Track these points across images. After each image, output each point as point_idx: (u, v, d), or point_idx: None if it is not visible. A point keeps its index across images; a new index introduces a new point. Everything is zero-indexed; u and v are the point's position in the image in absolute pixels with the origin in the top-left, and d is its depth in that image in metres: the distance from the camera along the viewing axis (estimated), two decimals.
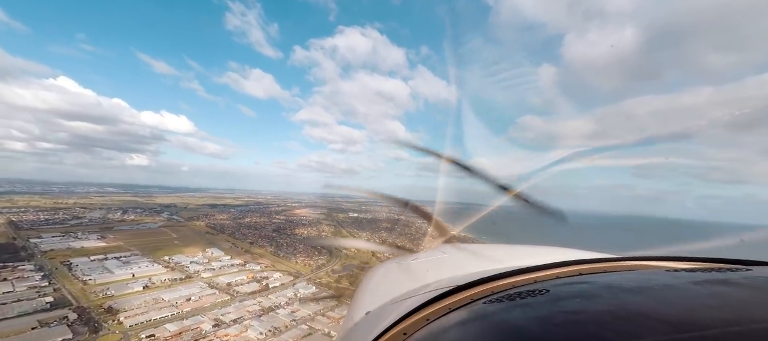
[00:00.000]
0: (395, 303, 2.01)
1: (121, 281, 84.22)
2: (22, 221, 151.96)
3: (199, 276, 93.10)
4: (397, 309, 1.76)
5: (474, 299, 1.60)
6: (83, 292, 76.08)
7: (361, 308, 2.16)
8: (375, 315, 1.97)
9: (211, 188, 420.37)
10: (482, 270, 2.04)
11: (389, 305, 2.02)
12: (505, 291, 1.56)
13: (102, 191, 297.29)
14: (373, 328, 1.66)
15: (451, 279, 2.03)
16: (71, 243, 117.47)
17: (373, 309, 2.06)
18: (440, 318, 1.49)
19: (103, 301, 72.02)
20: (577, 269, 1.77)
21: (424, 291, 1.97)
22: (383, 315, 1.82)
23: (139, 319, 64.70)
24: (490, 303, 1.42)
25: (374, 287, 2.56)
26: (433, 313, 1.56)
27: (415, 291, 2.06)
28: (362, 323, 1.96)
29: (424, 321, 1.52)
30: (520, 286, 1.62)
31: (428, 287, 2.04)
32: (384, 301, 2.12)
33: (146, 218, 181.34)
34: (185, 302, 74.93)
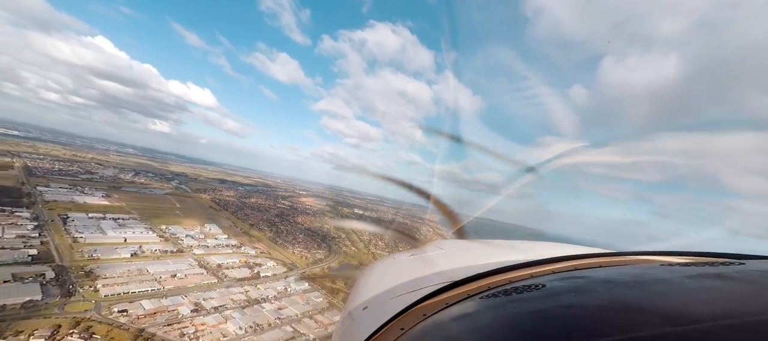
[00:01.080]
0: (393, 298, 2.02)
1: (111, 244, 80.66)
2: (37, 167, 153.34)
3: (191, 252, 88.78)
4: (394, 304, 1.80)
5: (471, 294, 1.63)
6: (70, 250, 72.67)
7: (359, 303, 2.19)
8: (372, 311, 2.01)
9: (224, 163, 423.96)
10: (479, 265, 2.07)
11: (387, 300, 2.05)
12: (502, 286, 1.59)
13: (122, 151, 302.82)
14: (370, 323, 1.70)
15: (448, 275, 2.04)
16: (75, 197, 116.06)
17: (371, 305, 2.10)
18: (437, 313, 1.51)
19: (86, 263, 68.19)
20: (573, 264, 1.81)
21: (421, 286, 1.99)
22: (381, 310, 1.85)
23: (117, 290, 60.23)
24: (486, 298, 1.45)
25: (372, 282, 2.56)
26: (430, 308, 1.59)
27: (412, 286, 2.08)
28: (360, 318, 2.00)
29: (421, 316, 1.55)
30: (516, 281, 1.66)
31: (425, 282, 2.06)
32: (382, 296, 2.15)
33: (155, 184, 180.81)
34: (170, 278, 70.31)
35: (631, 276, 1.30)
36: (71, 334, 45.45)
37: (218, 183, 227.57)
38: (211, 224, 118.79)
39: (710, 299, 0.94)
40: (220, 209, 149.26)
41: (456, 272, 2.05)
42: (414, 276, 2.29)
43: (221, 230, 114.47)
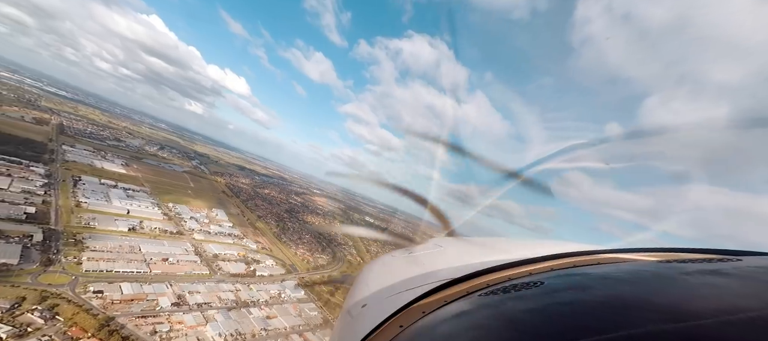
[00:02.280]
0: (392, 295, 2.03)
1: (112, 214, 77.31)
2: (70, 127, 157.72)
3: (191, 236, 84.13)
4: (393, 301, 1.81)
5: (470, 291, 1.64)
6: (70, 214, 69.57)
7: (359, 301, 2.19)
8: (372, 308, 2.01)
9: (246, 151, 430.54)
10: (478, 262, 2.08)
11: (386, 298, 2.06)
12: (501, 283, 1.60)
13: (154, 125, 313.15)
14: (370, 321, 1.71)
15: (447, 272, 2.05)
16: (95, 161, 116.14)
17: (370, 302, 2.11)
18: (436, 310, 1.52)
19: (79, 231, 64.45)
20: (571, 261, 1.81)
21: (421, 283, 1.99)
22: (380, 308, 1.86)
23: (101, 266, 55.43)
24: (485, 295, 1.45)
25: (371, 280, 2.57)
26: (429, 306, 1.60)
27: (411, 284, 2.08)
28: (359, 315, 2.01)
29: (420, 314, 1.56)
30: (514, 279, 1.66)
31: (424, 280, 2.06)
32: (381, 294, 2.16)
33: (176, 160, 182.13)
34: (160, 261, 65.23)
35: (629, 273, 1.30)
36: (32, 311, 40.30)
37: (236, 169, 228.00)
38: (219, 210, 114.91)
39: (708, 295, 0.95)
40: (232, 196, 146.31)
41: (455, 269, 2.04)
42: (413, 274, 2.30)
43: (227, 218, 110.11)
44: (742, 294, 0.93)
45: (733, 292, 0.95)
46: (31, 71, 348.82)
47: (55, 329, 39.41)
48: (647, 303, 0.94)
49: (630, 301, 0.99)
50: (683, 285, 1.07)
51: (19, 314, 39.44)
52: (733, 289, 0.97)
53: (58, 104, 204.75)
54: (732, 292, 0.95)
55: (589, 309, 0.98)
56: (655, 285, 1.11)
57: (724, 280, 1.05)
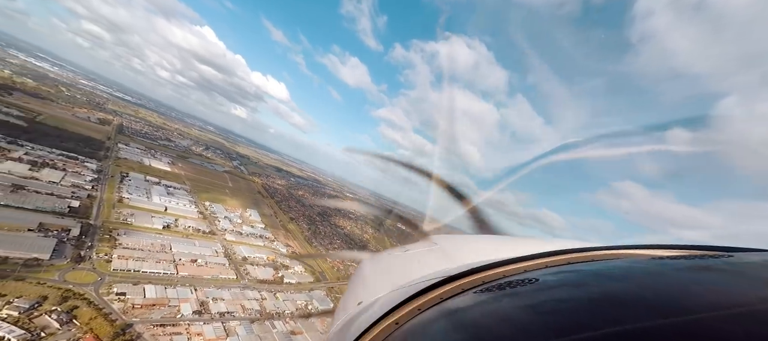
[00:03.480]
0: (387, 293, 2.04)
1: (150, 210, 77.66)
2: (128, 127, 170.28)
3: (222, 237, 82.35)
4: (389, 299, 1.83)
5: (465, 289, 1.65)
6: (110, 208, 70.51)
7: (354, 298, 2.22)
8: (367, 306, 2.02)
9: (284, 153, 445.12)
10: (473, 260, 2.08)
11: (381, 295, 2.06)
12: (495, 280, 1.62)
13: (203, 128, 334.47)
14: (365, 318, 1.73)
15: (442, 270, 2.05)
16: (145, 159, 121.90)
17: (366, 299, 2.12)
18: (431, 307, 1.54)
19: (116, 226, 64.37)
20: (566, 258, 1.82)
21: (416, 281, 2.00)
22: (376, 306, 1.89)
23: (129, 265, 53.64)
24: (480, 292, 1.47)
25: (367, 278, 2.58)
26: (424, 303, 1.62)
27: (406, 281, 2.09)
28: (355, 313, 2.02)
29: (415, 311, 1.58)
30: (510, 275, 1.67)
31: (419, 277, 2.06)
32: (376, 291, 2.16)
33: (219, 160, 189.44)
34: (189, 262, 62.91)
35: (622, 270, 1.33)
36: (51, 312, 38.02)
37: (274, 170, 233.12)
38: (253, 210, 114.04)
39: (700, 291, 0.96)
40: (267, 196, 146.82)
41: (450, 266, 2.02)
42: (408, 271, 2.29)
43: (260, 219, 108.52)
44: (733, 289, 0.95)
45: (724, 287, 0.97)
46: (105, 79, 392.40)
47: (69, 335, 36.59)
48: (640, 298, 0.96)
49: (623, 297, 1.00)
50: (675, 280, 1.09)
51: (37, 315, 37.30)
52: (725, 285, 0.99)
53: (122, 106, 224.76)
54: (723, 287, 0.97)
55: (583, 306, 0.99)
56: (648, 281, 1.12)
57: (716, 276, 1.07)
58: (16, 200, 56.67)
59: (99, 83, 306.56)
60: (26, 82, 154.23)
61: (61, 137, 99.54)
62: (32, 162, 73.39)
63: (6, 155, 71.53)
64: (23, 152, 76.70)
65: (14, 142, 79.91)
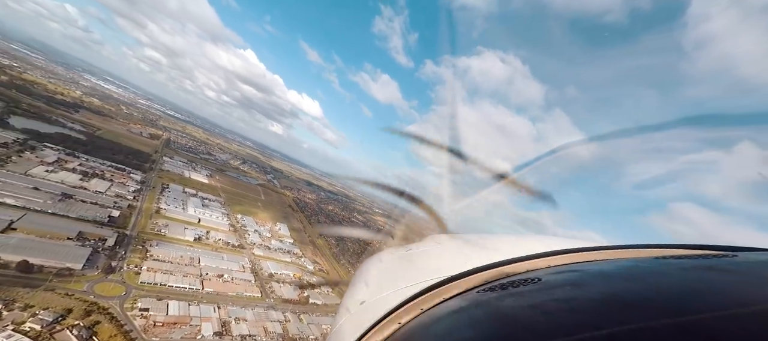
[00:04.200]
0: (390, 293, 2.04)
1: (184, 222, 78.53)
2: (175, 142, 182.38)
3: (251, 251, 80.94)
4: (391, 299, 1.82)
5: (468, 288, 1.66)
6: (147, 218, 72.06)
7: (357, 298, 2.20)
8: (370, 305, 2.02)
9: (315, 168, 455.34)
10: (475, 260, 2.08)
11: (384, 295, 2.06)
12: (498, 280, 1.62)
13: (242, 143, 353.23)
14: (368, 318, 1.73)
15: (445, 269, 2.04)
16: (186, 171, 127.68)
17: (369, 299, 2.11)
18: (434, 307, 1.55)
19: (150, 237, 64.94)
20: (569, 258, 1.81)
21: (419, 281, 2.00)
22: (378, 305, 1.88)
23: (156, 279, 52.67)
24: (483, 292, 1.46)
25: (370, 277, 2.57)
26: (427, 303, 1.63)
27: (409, 281, 2.08)
28: (358, 313, 2.03)
29: (418, 311, 1.59)
30: (512, 275, 1.67)
31: (422, 277, 2.06)
32: (379, 291, 2.15)
33: (254, 173, 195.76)
34: (215, 278, 61.23)
35: (626, 269, 1.31)
36: (72, 327, 36.72)
37: (305, 184, 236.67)
38: (282, 224, 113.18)
39: (704, 291, 0.94)
40: (297, 210, 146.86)
41: (453, 266, 2.02)
42: (411, 271, 2.29)
43: (289, 233, 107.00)
44: (738, 289, 0.93)
45: (729, 288, 0.95)
46: (160, 99, 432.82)
47: None
48: (644, 298, 0.95)
49: (627, 297, 0.99)
50: (680, 280, 1.07)
51: (58, 329, 36.13)
52: (729, 285, 0.97)
53: (172, 123, 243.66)
54: (728, 288, 0.95)
55: (587, 306, 0.98)
56: (652, 281, 1.11)
57: (721, 276, 1.05)
58: (63, 208, 59.03)
59: (155, 103, 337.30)
60: (93, 101, 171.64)
61: (114, 150, 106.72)
62: (84, 172, 77.92)
63: (62, 165, 76.62)
64: (78, 163, 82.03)
65: (72, 154, 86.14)
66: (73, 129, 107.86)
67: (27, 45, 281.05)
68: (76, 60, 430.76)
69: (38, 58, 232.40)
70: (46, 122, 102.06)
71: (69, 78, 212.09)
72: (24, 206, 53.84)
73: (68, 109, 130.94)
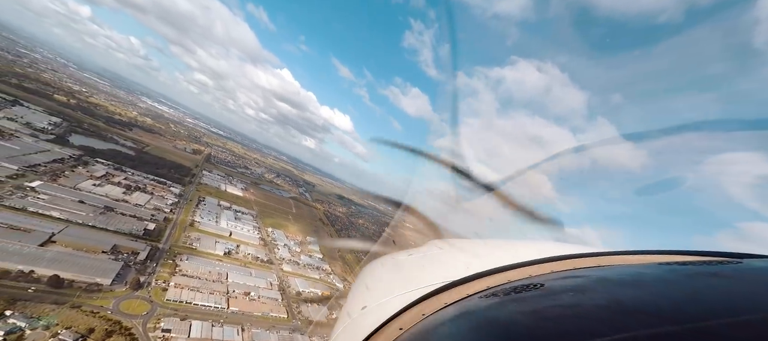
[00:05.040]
0: (391, 298, 2.04)
1: (216, 235, 78.28)
2: (215, 157, 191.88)
3: (280, 266, 78.37)
4: (392, 304, 1.83)
5: (469, 294, 1.65)
6: (181, 231, 72.53)
7: (358, 303, 2.20)
8: (371, 311, 2.02)
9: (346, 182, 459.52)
10: (477, 264, 2.07)
11: (385, 300, 2.05)
12: (500, 285, 1.62)
13: (278, 157, 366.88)
14: (369, 323, 1.73)
15: (446, 275, 2.03)
16: (222, 184, 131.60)
17: (370, 305, 2.11)
18: (436, 312, 1.55)
19: (181, 251, 64.52)
20: (571, 264, 1.79)
21: (420, 286, 1.99)
22: (379, 310, 1.88)
23: (182, 296, 50.89)
24: (485, 297, 1.46)
25: (371, 282, 2.56)
26: (428, 308, 1.63)
27: (410, 286, 2.08)
28: (359, 318, 2.03)
29: (419, 316, 1.58)
30: (515, 281, 1.67)
31: (424, 282, 2.06)
32: (380, 296, 2.15)
33: (286, 186, 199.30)
34: (241, 296, 58.59)
35: (629, 276, 1.29)
36: None
37: (336, 198, 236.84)
38: (313, 238, 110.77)
39: (709, 298, 0.93)
40: (327, 224, 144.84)
41: (455, 271, 2.01)
42: (412, 276, 2.27)
43: (318, 249, 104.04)
44: (743, 296, 0.92)
45: (734, 295, 0.94)
46: (206, 118, 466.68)
47: None
48: (648, 305, 0.93)
49: (631, 304, 0.97)
50: (684, 287, 1.05)
51: None
52: (735, 292, 0.96)
53: (214, 140, 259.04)
54: (733, 295, 0.94)
55: (590, 312, 0.97)
56: (657, 288, 1.09)
57: (726, 282, 1.04)
58: (103, 221, 60.49)
59: (201, 121, 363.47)
60: (146, 120, 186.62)
61: (158, 164, 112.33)
62: (127, 186, 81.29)
63: (109, 179, 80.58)
64: (123, 177, 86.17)
65: (119, 168, 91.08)
66: (125, 145, 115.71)
67: (98, 73, 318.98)
68: (137, 85, 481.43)
69: (105, 84, 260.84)
70: (102, 139, 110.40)
71: (128, 101, 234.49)
72: (67, 218, 55.57)
73: (123, 127, 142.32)
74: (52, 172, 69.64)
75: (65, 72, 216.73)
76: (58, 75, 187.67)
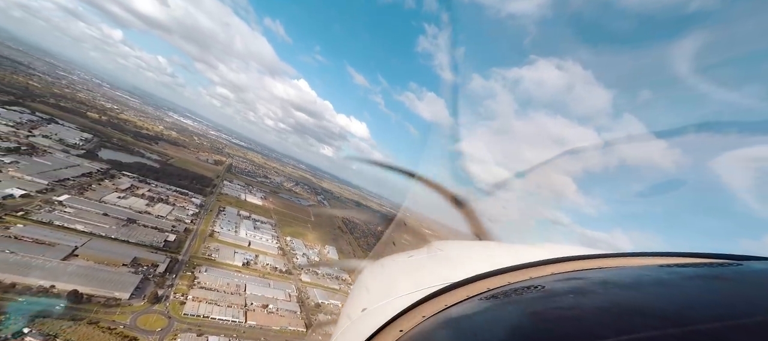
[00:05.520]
0: (391, 300, 2.04)
1: (235, 245, 77.71)
2: (236, 167, 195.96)
3: (298, 277, 76.61)
4: (393, 305, 1.82)
5: (470, 296, 1.65)
6: (201, 242, 72.42)
7: (358, 305, 2.19)
8: (371, 312, 2.02)
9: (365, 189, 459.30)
10: (477, 266, 2.07)
11: (385, 302, 2.05)
12: (501, 287, 1.62)
13: (296, 166, 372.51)
14: (369, 324, 1.73)
15: (446, 276, 2.05)
16: (242, 194, 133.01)
17: (370, 306, 2.11)
18: (436, 314, 1.55)
19: (200, 262, 63.94)
20: (572, 265, 1.80)
21: (420, 288, 2.00)
22: (379, 312, 1.88)
23: (200, 310, 49.63)
24: (485, 299, 1.47)
25: (371, 284, 2.56)
26: (429, 310, 1.63)
27: (410, 288, 2.09)
28: (359, 320, 2.02)
29: (420, 318, 1.58)
30: (515, 283, 1.67)
31: (424, 284, 2.06)
32: (380, 298, 2.15)
33: (305, 194, 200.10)
34: (259, 308, 56.82)
35: (630, 278, 1.30)
36: None
37: (354, 205, 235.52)
38: (331, 247, 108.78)
39: (709, 300, 0.94)
40: (346, 232, 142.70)
41: (455, 273, 2.01)
42: (412, 278, 2.26)
43: (338, 256, 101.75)
44: (743, 298, 0.92)
45: (734, 297, 0.94)
46: (228, 130, 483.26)
47: None
48: (649, 307, 0.93)
49: (631, 306, 0.98)
50: (684, 289, 1.05)
51: None
52: (735, 294, 0.96)
53: (235, 150, 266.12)
54: (733, 297, 0.94)
55: (590, 314, 0.96)
56: (657, 290, 1.09)
57: (725, 285, 1.04)
58: (125, 233, 60.98)
59: (223, 133, 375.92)
60: (171, 134, 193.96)
61: (181, 176, 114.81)
62: (151, 198, 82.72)
63: (133, 191, 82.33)
64: (147, 189, 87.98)
65: (144, 180, 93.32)
66: (150, 158, 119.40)
67: (129, 92, 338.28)
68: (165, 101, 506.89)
69: (135, 102, 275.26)
70: (129, 153, 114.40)
71: (156, 116, 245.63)
72: (91, 231, 56.22)
73: (150, 141, 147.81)
74: (80, 186, 71.68)
75: (99, 91, 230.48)
76: (92, 94, 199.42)
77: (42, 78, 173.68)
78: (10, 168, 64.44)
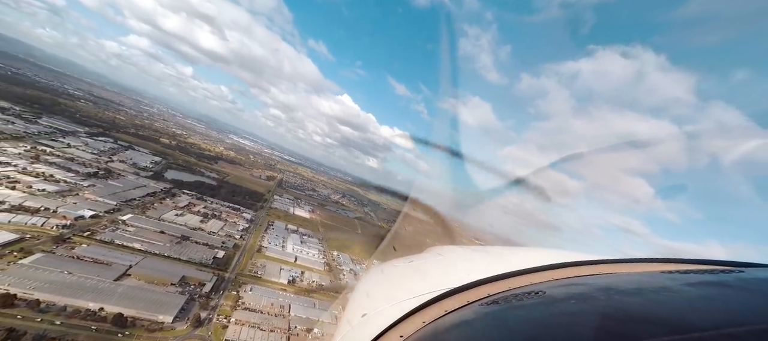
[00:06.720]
0: (391, 305, 2.03)
1: (281, 261, 75.29)
2: (287, 181, 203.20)
3: (345, 295, 71.05)
4: (393, 311, 1.82)
5: (470, 301, 1.65)
6: (248, 258, 71.22)
7: (358, 310, 2.20)
8: (371, 317, 2.03)
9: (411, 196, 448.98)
10: (478, 272, 2.06)
11: (385, 307, 2.05)
12: (501, 293, 1.63)
13: (343, 178, 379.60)
14: (369, 330, 1.74)
15: (447, 282, 2.03)
16: (290, 208, 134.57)
17: (370, 311, 2.12)
18: (436, 320, 1.55)
19: (246, 280, 61.79)
20: (573, 271, 1.80)
21: (421, 293, 1.99)
22: (379, 317, 1.88)
23: (242, 335, 45.98)
24: (486, 305, 1.47)
25: (371, 289, 2.57)
26: (429, 315, 1.64)
27: (411, 293, 2.07)
28: (359, 325, 2.02)
29: (420, 324, 1.60)
30: (516, 288, 1.67)
31: (424, 289, 2.06)
32: (380, 303, 2.16)
33: (352, 206, 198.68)
34: (303, 332, 51.88)
35: (631, 284, 1.30)
36: None
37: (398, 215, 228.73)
38: (378, 260, 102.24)
39: (711, 307, 0.93)
40: None
41: (455, 279, 2.02)
42: (413, 283, 2.28)
43: None
44: (745, 305, 0.91)
45: (736, 304, 0.93)
46: (280, 147, 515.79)
47: None
48: (650, 314, 0.92)
49: (632, 312, 0.97)
50: (686, 296, 1.05)
51: None
52: (736, 301, 0.95)
53: (287, 166, 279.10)
54: (735, 304, 0.93)
55: (591, 320, 0.96)
56: (658, 296, 1.08)
57: (727, 292, 1.03)
58: (177, 250, 61.55)
59: (276, 150, 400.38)
60: (230, 153, 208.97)
61: (235, 192, 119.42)
62: (205, 214, 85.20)
63: (190, 208, 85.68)
64: (203, 206, 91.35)
65: (201, 197, 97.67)
66: (209, 177, 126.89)
67: (197, 119, 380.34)
68: (227, 125, 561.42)
69: (201, 127, 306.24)
70: (191, 172, 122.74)
71: (218, 138, 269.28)
72: (146, 249, 57.33)
73: (210, 161, 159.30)
74: (143, 205, 75.89)
75: (173, 120, 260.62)
76: (166, 123, 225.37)
77: (128, 112, 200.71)
78: (86, 191, 70.35)
